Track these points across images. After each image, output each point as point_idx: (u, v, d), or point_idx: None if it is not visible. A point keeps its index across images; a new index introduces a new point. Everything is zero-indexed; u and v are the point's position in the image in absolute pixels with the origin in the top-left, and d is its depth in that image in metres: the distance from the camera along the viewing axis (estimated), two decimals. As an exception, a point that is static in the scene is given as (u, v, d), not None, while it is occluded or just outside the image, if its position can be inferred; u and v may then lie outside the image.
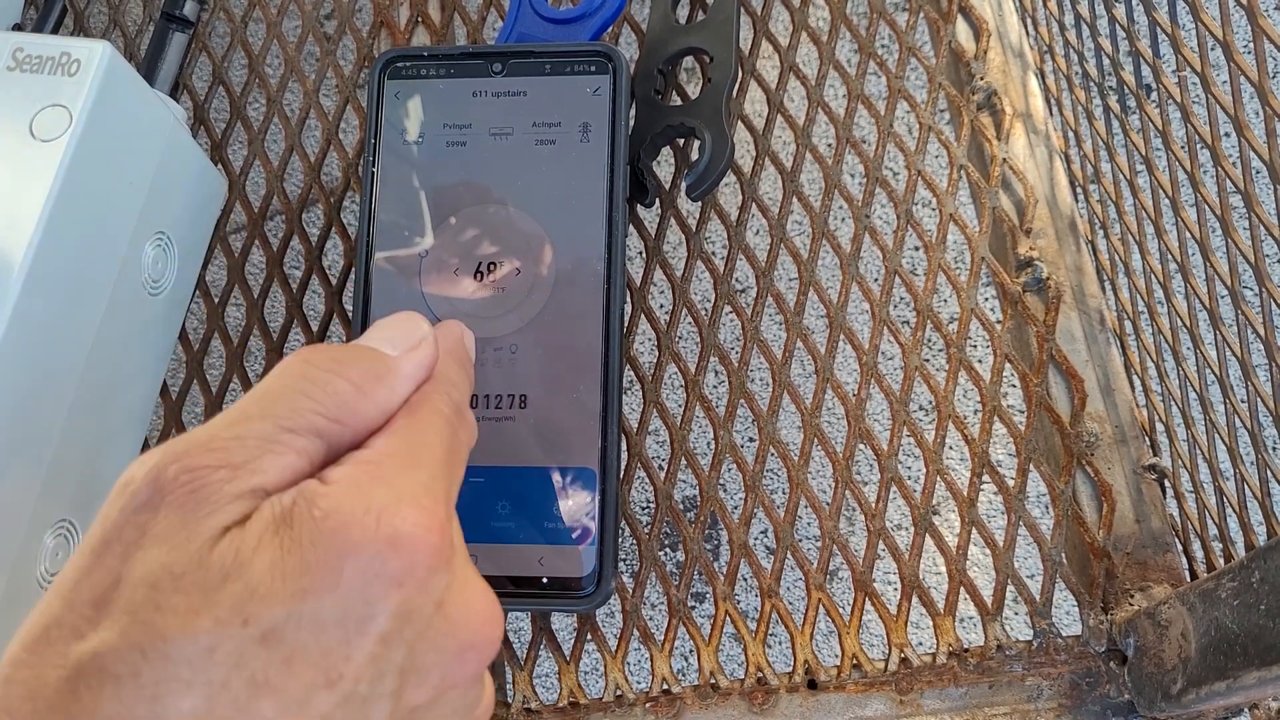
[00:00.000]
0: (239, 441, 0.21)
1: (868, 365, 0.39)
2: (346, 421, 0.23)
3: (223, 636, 0.19)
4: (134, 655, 0.18)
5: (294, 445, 0.22)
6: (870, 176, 0.42)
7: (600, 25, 0.41)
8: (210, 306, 0.43)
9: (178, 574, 0.19)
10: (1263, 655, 0.27)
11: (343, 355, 0.24)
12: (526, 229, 0.37)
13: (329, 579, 0.20)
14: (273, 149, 0.45)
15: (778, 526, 0.38)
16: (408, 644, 0.21)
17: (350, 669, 0.20)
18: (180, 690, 0.18)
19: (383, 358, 0.25)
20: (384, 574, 0.20)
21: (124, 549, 0.20)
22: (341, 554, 0.20)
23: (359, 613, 0.20)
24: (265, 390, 0.23)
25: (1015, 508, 0.37)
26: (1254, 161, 0.31)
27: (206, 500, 0.20)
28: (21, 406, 0.33)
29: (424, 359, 0.25)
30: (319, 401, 0.23)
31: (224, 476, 0.21)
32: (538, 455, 0.35)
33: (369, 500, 0.21)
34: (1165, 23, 0.35)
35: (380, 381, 0.24)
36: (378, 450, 0.23)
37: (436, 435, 0.24)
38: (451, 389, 0.26)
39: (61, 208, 0.32)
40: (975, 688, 0.36)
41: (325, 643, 0.20)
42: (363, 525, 0.20)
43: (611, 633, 0.36)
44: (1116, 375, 0.40)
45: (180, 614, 0.19)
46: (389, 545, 0.20)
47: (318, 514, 0.20)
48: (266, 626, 0.19)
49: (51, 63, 0.34)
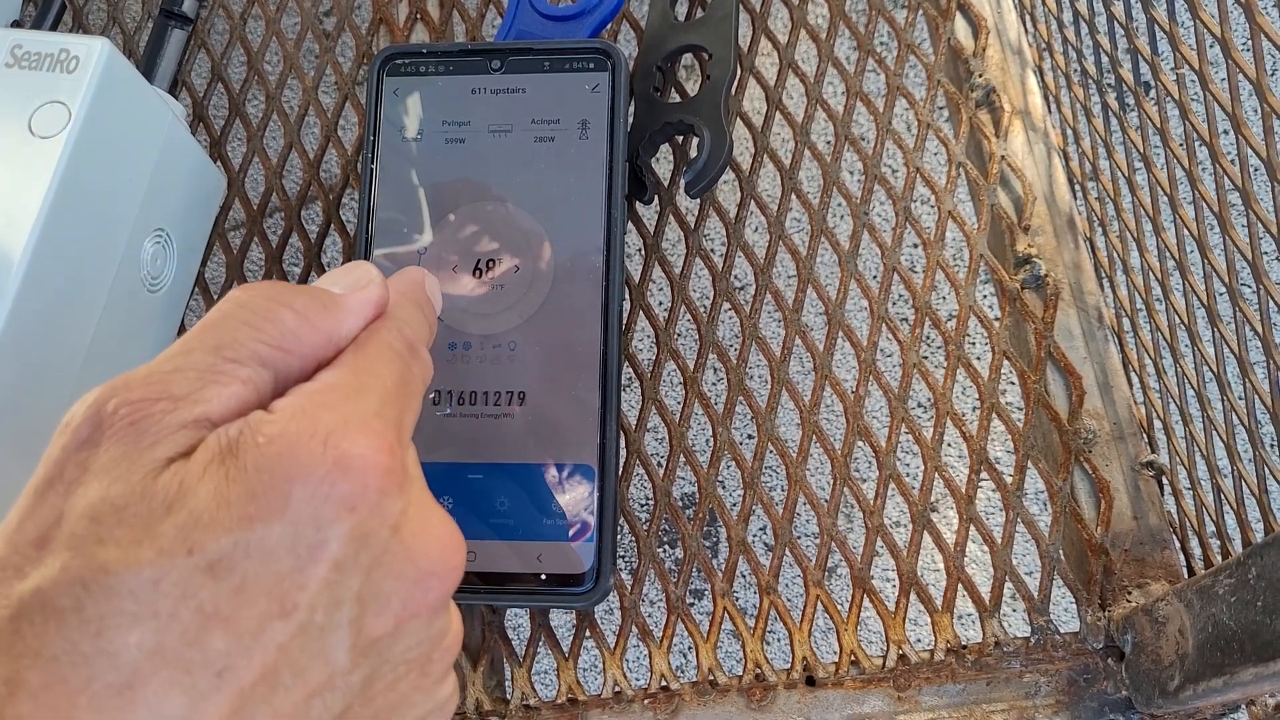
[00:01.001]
0: (179, 374, 0.21)
1: (866, 362, 0.39)
2: (291, 349, 0.22)
3: (167, 567, 0.18)
4: (76, 589, 0.18)
5: (238, 374, 0.21)
6: (869, 174, 0.42)
7: (599, 22, 0.41)
8: (209, 303, 0.43)
9: (120, 506, 0.19)
10: (1260, 652, 0.27)
11: (286, 287, 0.23)
12: (525, 226, 0.37)
13: (276, 505, 0.19)
14: (272, 146, 0.45)
15: (776, 523, 0.38)
16: (364, 570, 0.20)
17: (304, 597, 0.19)
18: (126, 623, 0.18)
19: (327, 292, 0.24)
20: (334, 497, 0.20)
21: (66, 486, 0.19)
22: (289, 478, 0.19)
23: (310, 538, 0.19)
24: (206, 322, 0.22)
25: (1013, 505, 0.37)
26: (1252, 159, 0.31)
27: (148, 432, 0.20)
28: (20, 403, 0.33)
29: (372, 296, 0.25)
30: (261, 330, 0.22)
31: (165, 408, 0.20)
32: (536, 452, 0.35)
33: (315, 424, 0.20)
34: (1164, 20, 0.35)
35: (325, 311, 0.23)
36: (324, 380, 0.22)
37: (386, 366, 0.23)
38: (404, 325, 0.25)
39: (60, 205, 0.32)
40: (973, 684, 0.36)
41: (276, 571, 0.19)
42: (309, 449, 0.20)
43: (610, 629, 0.36)
44: (1114, 372, 0.40)
45: (122, 545, 0.18)
46: (338, 468, 0.20)
47: (262, 440, 0.20)
48: (213, 556, 0.19)
49: (50, 59, 0.34)
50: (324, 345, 0.23)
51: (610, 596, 0.35)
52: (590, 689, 0.37)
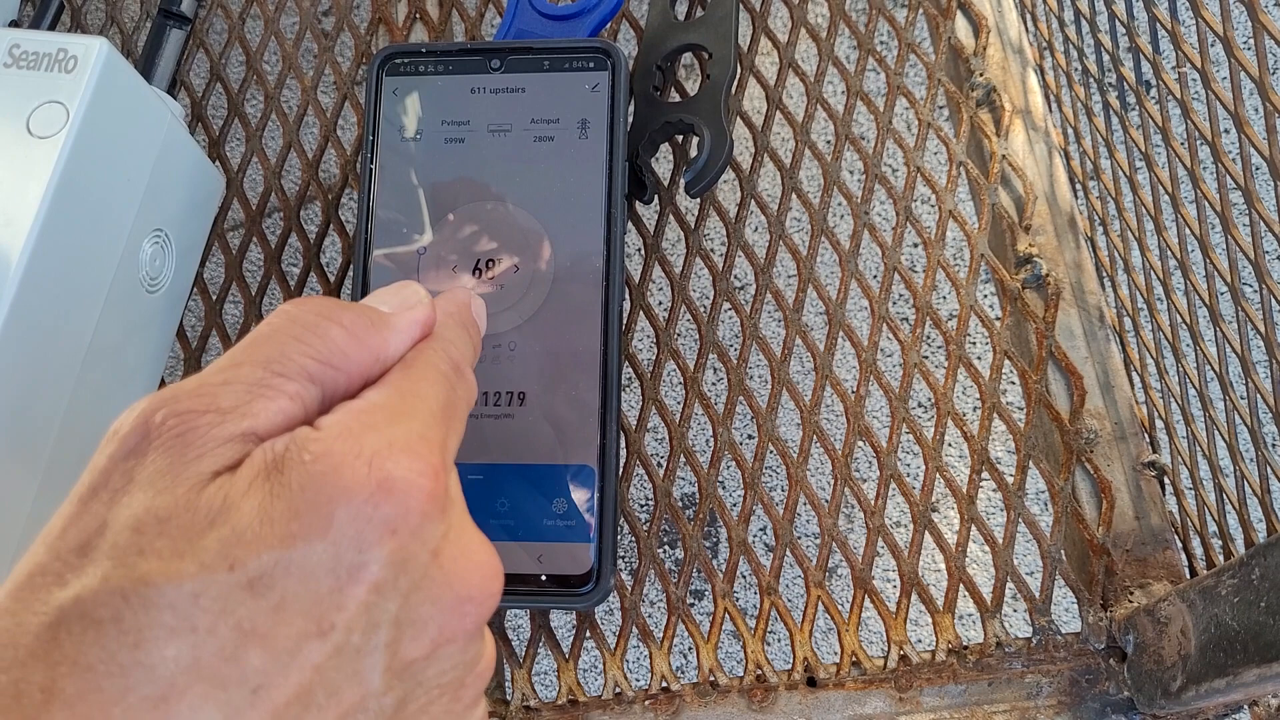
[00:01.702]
0: (228, 386, 0.21)
1: (867, 362, 0.39)
2: (339, 366, 0.22)
3: (208, 582, 0.18)
4: (116, 600, 0.18)
5: (285, 389, 0.21)
6: (869, 173, 0.42)
7: (599, 21, 0.41)
8: (208, 303, 0.43)
9: (163, 518, 0.19)
10: (1263, 652, 0.27)
11: (335, 303, 0.23)
12: (525, 226, 0.37)
13: (319, 524, 0.19)
14: (270, 146, 0.45)
15: (777, 524, 0.38)
16: (402, 594, 0.20)
17: (342, 618, 0.19)
18: (164, 637, 0.18)
19: (375, 310, 0.24)
20: (376, 519, 0.20)
21: (110, 495, 0.19)
22: (332, 498, 0.19)
23: (351, 560, 0.19)
24: (255, 336, 0.22)
25: (1014, 505, 0.37)
26: (1254, 158, 0.31)
27: (194, 444, 0.20)
28: (19, 404, 0.32)
29: (420, 317, 0.25)
30: (310, 345, 0.22)
31: (212, 420, 0.20)
32: (537, 452, 0.35)
33: (361, 445, 0.20)
34: (1165, 19, 0.35)
35: (374, 330, 0.23)
36: (370, 400, 0.22)
37: (432, 388, 0.23)
38: (450, 346, 0.25)
39: (59, 205, 0.32)
40: (974, 685, 0.36)
41: (316, 590, 0.19)
42: (354, 469, 0.20)
43: (610, 630, 0.36)
44: (1116, 372, 0.40)
45: (164, 558, 0.18)
46: (381, 490, 0.20)
47: (308, 458, 0.20)
48: (254, 573, 0.19)
49: (49, 59, 0.33)
50: (371, 364, 0.23)
51: (611, 597, 0.35)
52: (591, 690, 0.37)
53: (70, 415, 0.34)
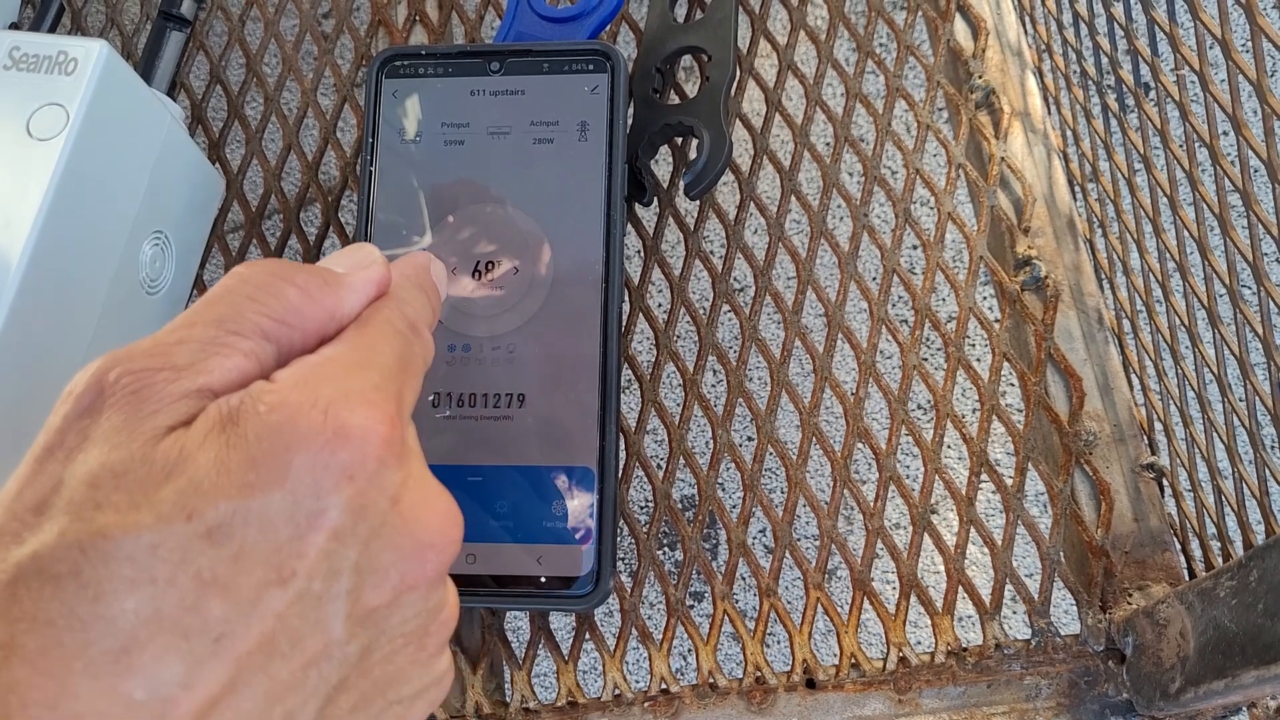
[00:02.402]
0: (182, 345, 0.21)
1: (866, 364, 0.39)
2: (294, 323, 0.23)
3: (166, 533, 0.18)
4: (73, 553, 0.18)
5: (240, 346, 0.21)
6: (868, 175, 0.42)
7: (598, 24, 0.41)
8: (208, 306, 0.43)
9: (119, 472, 0.19)
10: (1261, 654, 0.27)
11: (288, 264, 0.24)
12: (524, 228, 0.37)
13: (276, 473, 0.19)
14: (270, 148, 0.45)
15: (776, 525, 0.38)
16: (362, 540, 0.20)
17: (303, 565, 0.19)
18: (124, 589, 0.18)
19: (329, 270, 0.24)
20: (333, 466, 0.20)
21: (66, 453, 0.19)
22: (288, 447, 0.19)
23: (309, 507, 0.20)
24: (209, 297, 0.22)
25: (1014, 506, 0.37)
26: (1252, 160, 0.31)
27: (149, 400, 0.20)
28: (19, 406, 0.32)
29: (374, 276, 0.25)
30: (264, 304, 0.22)
31: (167, 377, 0.20)
32: (536, 455, 0.35)
33: (316, 394, 0.20)
34: (1163, 21, 0.35)
35: (327, 288, 0.24)
36: (325, 354, 0.22)
37: (387, 343, 0.24)
38: (405, 305, 0.25)
39: (59, 207, 0.32)
40: (974, 687, 0.36)
41: (275, 539, 0.19)
42: (310, 418, 0.20)
43: (610, 632, 0.36)
44: (1115, 374, 0.40)
45: (121, 510, 0.18)
46: (337, 437, 0.20)
47: (263, 408, 0.20)
48: (212, 522, 0.19)
49: (49, 61, 0.33)
50: (326, 321, 0.23)
51: (610, 599, 0.35)
52: (590, 692, 0.37)
53: (70, 417, 0.34)
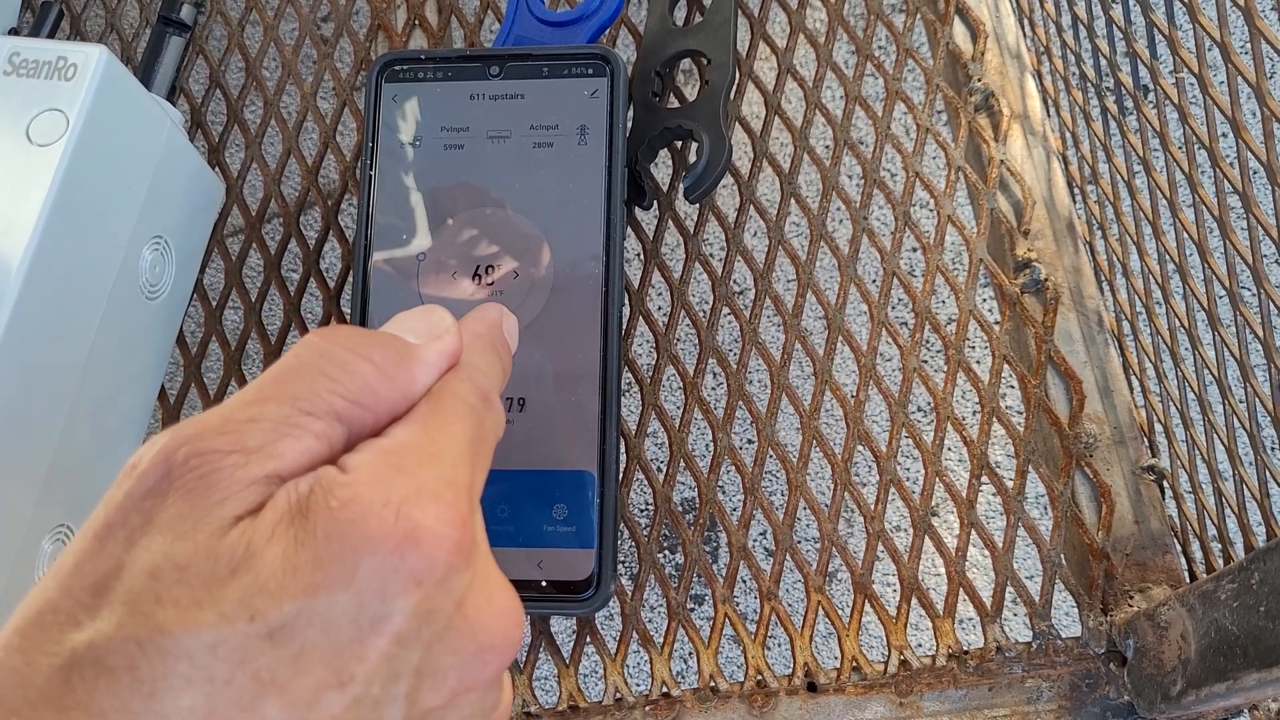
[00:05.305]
0: (254, 424, 0.20)
1: (866, 367, 0.39)
2: (367, 404, 0.22)
3: (227, 633, 0.18)
4: (131, 648, 0.18)
5: (312, 428, 0.21)
6: (868, 178, 0.42)
7: (598, 28, 0.41)
8: (208, 310, 0.43)
9: (182, 565, 0.18)
10: (1263, 657, 0.27)
11: (364, 336, 0.23)
12: (524, 231, 0.37)
13: (343, 575, 0.19)
14: (270, 152, 0.45)
15: (777, 529, 0.38)
16: (424, 644, 0.20)
17: (363, 669, 0.19)
18: (179, 686, 0.18)
19: (404, 343, 0.23)
20: (402, 571, 0.19)
21: (128, 535, 0.19)
22: (358, 549, 0.19)
23: (374, 611, 0.19)
24: (282, 370, 0.21)
25: (1014, 509, 0.37)
26: (1251, 162, 0.31)
27: (217, 487, 0.19)
28: (20, 411, 0.32)
29: (447, 348, 0.24)
30: (339, 382, 0.21)
31: (236, 461, 0.20)
32: (537, 458, 0.35)
33: (388, 492, 0.20)
34: (1163, 24, 0.35)
35: (403, 365, 0.23)
36: (398, 439, 0.21)
37: (460, 424, 0.23)
38: (478, 375, 0.25)
39: (59, 212, 0.32)
40: (975, 690, 0.36)
41: (337, 641, 0.19)
42: (381, 518, 0.19)
43: (611, 635, 0.36)
44: (1115, 376, 0.40)
45: (182, 607, 0.18)
46: (408, 540, 0.19)
47: (334, 504, 0.19)
48: (275, 623, 0.18)
49: (48, 67, 0.34)
50: (399, 401, 0.23)
51: (611, 602, 0.35)
52: (591, 696, 0.37)
53: (70, 422, 0.34)
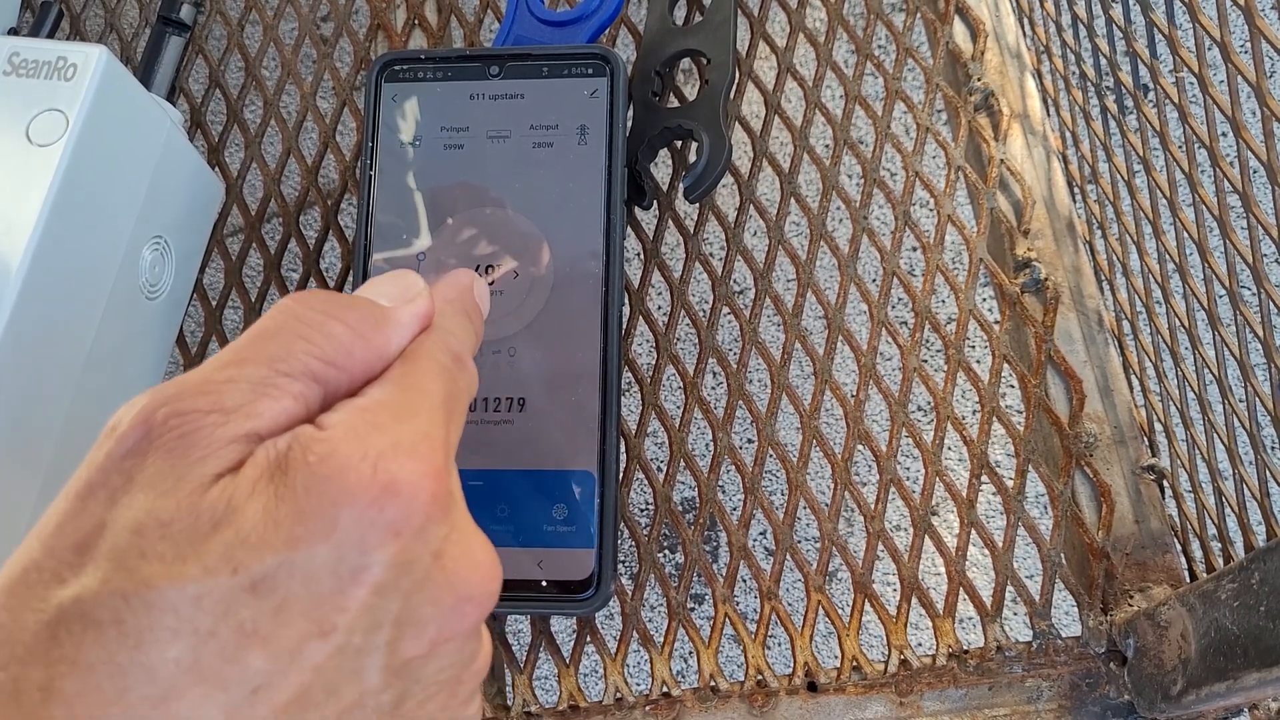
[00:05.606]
0: (232, 385, 0.21)
1: (866, 366, 0.39)
2: (343, 365, 0.22)
3: (210, 585, 0.18)
4: (116, 601, 0.18)
5: (290, 389, 0.21)
6: (868, 178, 0.42)
7: (597, 27, 0.41)
8: (208, 310, 0.43)
9: (165, 521, 0.19)
10: (1263, 656, 0.27)
11: (338, 299, 0.23)
12: (524, 231, 0.37)
13: (323, 527, 0.19)
14: (270, 152, 0.45)
15: (777, 528, 0.38)
16: (404, 594, 0.20)
17: (344, 619, 0.20)
18: (165, 638, 0.18)
19: (377, 306, 0.24)
20: (380, 522, 0.20)
21: (109, 494, 0.19)
22: (336, 501, 0.19)
23: (354, 561, 0.20)
24: (259, 331, 0.22)
25: (1014, 509, 0.37)
26: (1252, 162, 0.31)
27: (197, 445, 0.20)
28: (19, 411, 0.32)
29: (420, 310, 0.25)
30: (315, 344, 0.22)
31: (216, 421, 0.20)
32: (536, 458, 0.35)
33: (365, 446, 0.20)
34: (1162, 23, 0.35)
35: (377, 327, 0.23)
36: (373, 398, 0.22)
37: (434, 382, 0.23)
38: (449, 337, 0.25)
39: (59, 212, 0.32)
40: (975, 689, 0.36)
41: (318, 592, 0.19)
42: (359, 472, 0.20)
43: (611, 635, 0.36)
44: (1115, 376, 0.40)
45: (166, 561, 0.18)
46: (385, 492, 0.20)
47: (312, 459, 0.20)
48: (257, 575, 0.19)
49: (48, 67, 0.34)
50: (374, 362, 0.23)
51: (611, 602, 0.35)
52: (591, 695, 0.37)
53: (70, 422, 0.34)
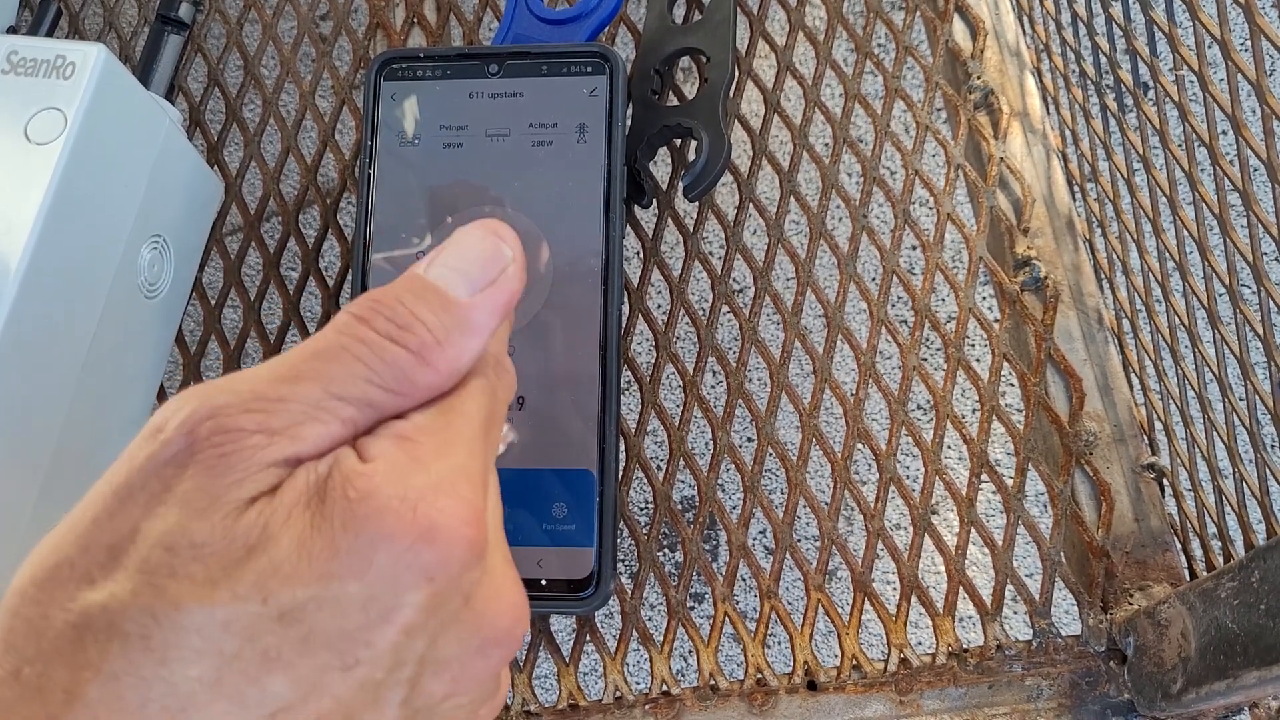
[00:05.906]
0: (283, 405, 0.20)
1: (866, 365, 0.39)
2: (404, 392, 0.22)
3: (239, 611, 0.18)
4: (145, 618, 0.18)
5: (340, 413, 0.21)
6: (868, 176, 0.42)
7: (597, 26, 0.41)
8: (207, 309, 0.43)
9: (198, 543, 0.19)
10: (1263, 655, 0.27)
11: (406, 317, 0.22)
12: (524, 230, 0.37)
13: (357, 565, 0.19)
14: (269, 151, 0.45)
15: (776, 527, 0.37)
16: (431, 635, 0.20)
17: (369, 654, 0.19)
18: (190, 658, 0.18)
19: (450, 308, 0.22)
20: (416, 566, 0.20)
21: (147, 500, 0.19)
22: (374, 541, 0.19)
23: (386, 602, 0.19)
24: (319, 349, 0.21)
25: (1014, 507, 0.37)
26: (1252, 160, 0.31)
27: (236, 467, 0.19)
28: (19, 410, 0.32)
29: (503, 297, 0.23)
30: (376, 371, 0.21)
31: (259, 443, 0.20)
32: (536, 457, 0.35)
33: (405, 487, 0.20)
34: (1162, 21, 0.35)
35: (443, 346, 0.22)
36: (416, 424, 0.21)
37: (475, 402, 0.23)
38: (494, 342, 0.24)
39: (57, 211, 0.32)
40: (975, 688, 0.36)
41: (345, 627, 0.19)
42: (398, 515, 0.19)
43: (610, 634, 0.36)
44: (1115, 374, 0.40)
45: (197, 583, 0.18)
46: (423, 539, 0.20)
47: (353, 495, 0.19)
48: (286, 606, 0.19)
49: (46, 65, 0.33)
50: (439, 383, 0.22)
51: (610, 601, 0.35)
52: (591, 694, 0.37)
53: (69, 421, 0.34)
